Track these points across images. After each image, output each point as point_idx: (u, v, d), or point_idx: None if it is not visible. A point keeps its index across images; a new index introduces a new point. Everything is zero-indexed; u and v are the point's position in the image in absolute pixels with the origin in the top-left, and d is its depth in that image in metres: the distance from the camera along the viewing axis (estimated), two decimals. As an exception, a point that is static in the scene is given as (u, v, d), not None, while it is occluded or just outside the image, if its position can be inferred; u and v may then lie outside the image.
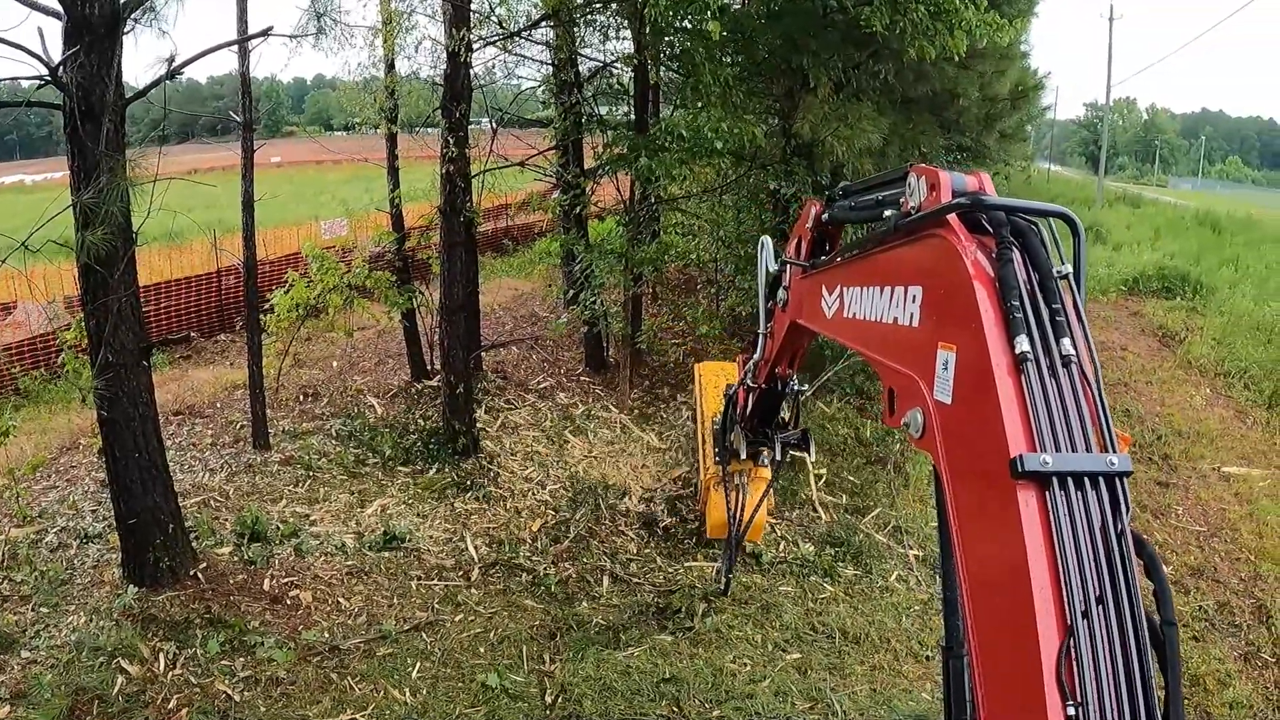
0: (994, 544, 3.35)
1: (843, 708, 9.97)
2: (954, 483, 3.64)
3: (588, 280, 16.58)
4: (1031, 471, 3.16)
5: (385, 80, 16.99)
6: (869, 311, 4.62)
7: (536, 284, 24.73)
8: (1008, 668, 3.20)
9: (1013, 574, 3.15)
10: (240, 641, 10.45)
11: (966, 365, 3.58)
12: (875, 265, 4.60)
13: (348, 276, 17.49)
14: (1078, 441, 3.30)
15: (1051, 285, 3.58)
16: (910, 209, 4.18)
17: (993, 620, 3.32)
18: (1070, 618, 2.99)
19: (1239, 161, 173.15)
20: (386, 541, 12.88)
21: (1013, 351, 3.39)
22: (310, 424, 16.36)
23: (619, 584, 12.44)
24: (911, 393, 4.03)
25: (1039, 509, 3.17)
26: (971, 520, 3.53)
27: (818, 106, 15.66)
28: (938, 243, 3.85)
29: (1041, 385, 3.35)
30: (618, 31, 17.84)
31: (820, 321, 5.66)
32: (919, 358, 3.93)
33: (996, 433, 3.31)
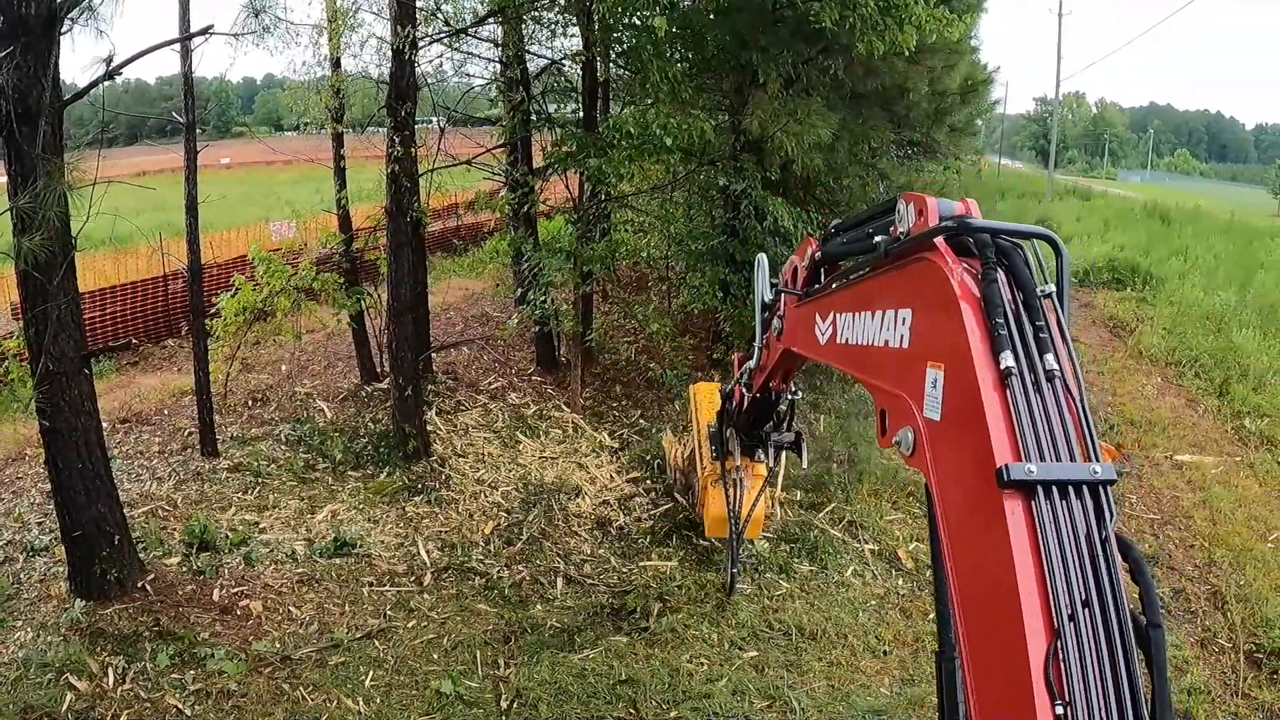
0: (982, 551, 3.42)
1: (801, 705, 9.90)
2: (943, 496, 3.75)
3: (536, 279, 16.46)
4: (1017, 480, 3.26)
5: (331, 79, 16.76)
6: (861, 336, 4.75)
7: (487, 283, 24.60)
8: (997, 670, 3.28)
9: (1000, 579, 3.24)
10: (190, 654, 10.22)
11: (954, 382, 3.71)
12: (867, 290, 4.74)
13: (294, 279, 17.24)
14: (1062, 452, 3.38)
15: (1035, 304, 3.71)
16: (899, 234, 4.30)
17: (982, 625, 3.41)
18: (1057, 621, 3.06)
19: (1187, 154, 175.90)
20: (337, 548, 12.67)
21: (998, 367, 3.50)
22: (259, 429, 16.14)
23: (573, 585, 12.31)
24: (902, 412, 4.14)
25: (1025, 517, 3.25)
26: (960, 529, 3.62)
27: (767, 102, 15.64)
28: (925, 266, 3.98)
29: (1026, 399, 3.46)
30: (565, 28, 17.71)
31: (814, 348, 5.84)
32: (909, 378, 4.05)
33: (983, 444, 3.41)
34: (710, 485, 11.17)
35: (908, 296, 4.17)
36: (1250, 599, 12.46)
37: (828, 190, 17.84)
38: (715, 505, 10.99)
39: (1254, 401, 20.92)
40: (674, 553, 13.08)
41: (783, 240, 16.30)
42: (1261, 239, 43.91)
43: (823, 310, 5.55)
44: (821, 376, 18.02)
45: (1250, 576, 13.13)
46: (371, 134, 17.33)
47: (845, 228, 5.74)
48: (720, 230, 17.59)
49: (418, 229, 15.49)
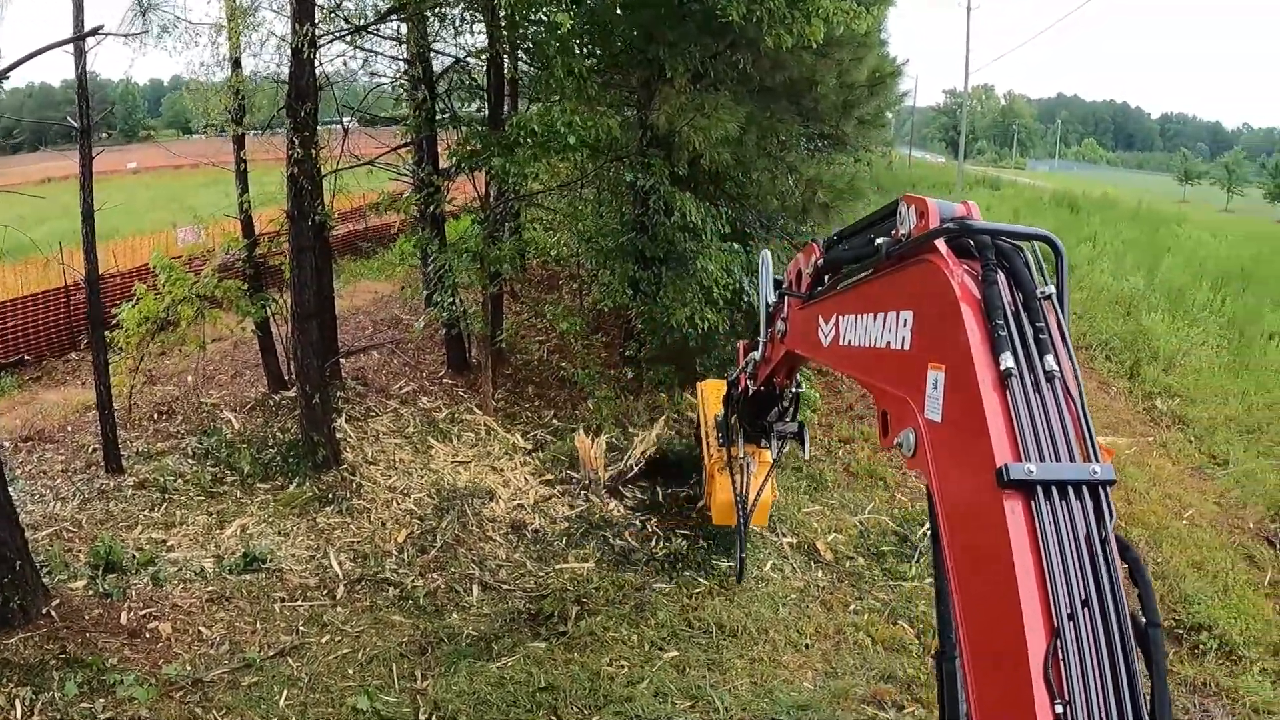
0: (982, 551, 3.46)
1: (724, 704, 9.87)
2: (944, 497, 3.81)
3: (442, 281, 16.22)
4: (1017, 480, 3.31)
5: (231, 79, 16.33)
6: (863, 338, 4.79)
7: (396, 286, 24.29)
8: (997, 669, 3.32)
9: (1000, 579, 3.27)
10: (99, 681, 9.88)
11: (954, 383, 3.77)
12: (869, 292, 4.79)
13: (197, 287, 16.77)
14: (1061, 452, 3.44)
15: (1035, 305, 3.75)
16: (900, 236, 4.33)
17: (983, 624, 3.45)
18: (1056, 620, 3.10)
19: (1094, 143, 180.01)
20: (247, 563, 12.36)
21: (998, 368, 3.55)
22: (165, 443, 15.68)
23: (489, 592, 12.15)
24: (904, 414, 4.21)
25: (1025, 516, 3.30)
26: (961, 529, 3.68)
27: (675, 97, 15.57)
28: (926, 267, 4.03)
29: (1026, 399, 3.51)
30: (471, 25, 17.47)
31: (817, 351, 5.92)
32: (910, 379, 4.09)
33: (983, 444, 3.46)
34: (717, 472, 11.39)
35: (909, 298, 4.21)
36: (1168, 576, 12.75)
37: (737, 184, 17.82)
38: (722, 492, 11.12)
39: (1164, 382, 21.46)
40: (590, 554, 13.00)
41: (692, 236, 16.27)
42: (1168, 225, 45.11)
43: (825, 313, 5.63)
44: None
45: (1167, 554, 13.42)
46: (275, 135, 16.92)
47: (848, 233, 5.75)
48: (629, 227, 17.50)
49: (322, 232, 15.18)
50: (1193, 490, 16.37)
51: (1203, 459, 18.13)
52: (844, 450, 16.53)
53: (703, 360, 17.65)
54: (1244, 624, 11.98)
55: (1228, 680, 10.96)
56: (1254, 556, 14.21)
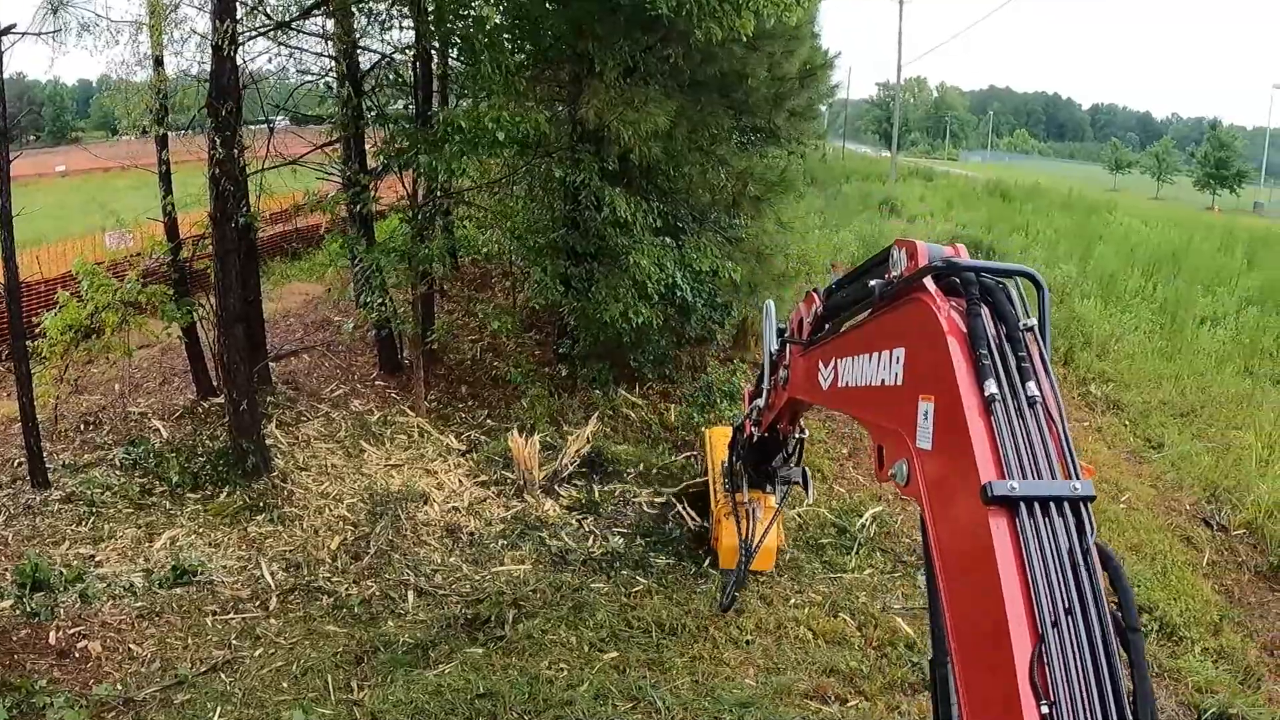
0: (970, 564, 3.64)
1: (665, 704, 9.77)
2: (935, 518, 4.03)
3: (369, 281, 16.00)
4: (1000, 496, 3.50)
5: (153, 79, 15.96)
6: (860, 377, 5.06)
7: (326, 287, 23.99)
8: (985, 673, 3.50)
9: (988, 589, 3.45)
10: (29, 704, 9.63)
11: (943, 411, 3.97)
12: (864, 334, 5.09)
13: (121, 293, 16.38)
14: (1044, 471, 3.63)
15: (1017, 336, 3.99)
16: (892, 278, 4.62)
17: (972, 632, 3.64)
18: (1041, 627, 3.27)
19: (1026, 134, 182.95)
20: (177, 577, 12.08)
21: (982, 394, 3.79)
22: (92, 455, 15.28)
23: (424, 597, 11.97)
24: (897, 446, 4.43)
25: (1009, 530, 3.49)
26: (951, 546, 3.89)
27: (604, 92, 15.47)
28: (916, 305, 4.29)
29: (1009, 423, 3.73)
30: (399, 21, 17.24)
31: (817, 394, 6.22)
32: (903, 412, 4.30)
33: (969, 465, 3.67)
34: (724, 518, 11.84)
35: (901, 335, 4.45)
36: (1107, 560, 12.85)
37: (668, 178, 17.78)
38: (729, 537, 11.57)
39: (1098, 368, 21.82)
40: (527, 555, 12.89)
41: (623, 231, 16.19)
42: (1099, 213, 45.96)
43: (825, 357, 5.90)
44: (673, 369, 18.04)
45: (1105, 538, 13.51)
46: (200, 136, 16.57)
47: (846, 280, 6.08)
48: (560, 223, 17.40)
49: (247, 234, 14.91)
50: (1129, 474, 16.60)
51: (1138, 443, 18.42)
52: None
53: (636, 356, 17.60)
54: (1183, 605, 12.19)
55: (1170, 661, 11.13)
56: (1191, 538, 14.46)
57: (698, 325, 18.46)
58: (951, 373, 3.89)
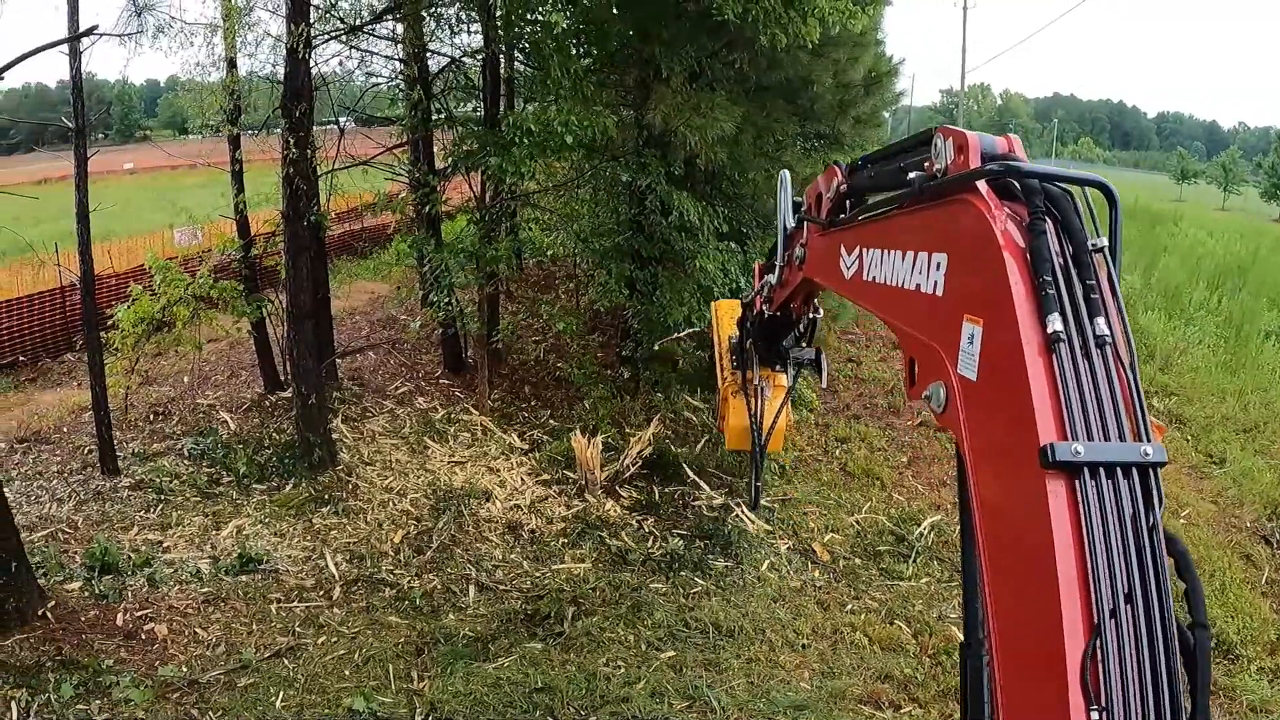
0: (1020, 536, 3.16)
1: (721, 704, 9.84)
2: (977, 467, 3.48)
3: (438, 281, 16.19)
4: (1062, 462, 2.98)
5: (227, 80, 16.31)
6: (890, 276, 4.41)
7: (392, 286, 24.30)
8: (1030, 668, 3.06)
9: (1039, 569, 3.00)
10: (95, 683, 9.85)
11: (994, 342, 3.41)
12: (898, 228, 4.39)
13: (193, 288, 16.74)
14: (1110, 429, 3.10)
15: (1086, 259, 3.39)
16: (935, 171, 3.95)
17: (1016, 617, 3.16)
18: (1097, 617, 2.84)
19: (1091, 142, 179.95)
20: (243, 564, 12.33)
21: (1044, 331, 3.20)
22: (161, 444, 15.66)
23: (485, 592, 12.12)
24: (934, 365, 3.85)
25: (1068, 500, 2.99)
26: (996, 510, 3.36)
27: (670, 96, 15.53)
28: (966, 210, 3.65)
29: (1074, 368, 3.18)
30: (467, 25, 17.46)
31: (837, 281, 5.51)
32: (942, 329, 3.76)
33: (1026, 418, 3.12)
34: (731, 396, 10.73)
35: (944, 240, 3.86)
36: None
37: (733, 183, 17.80)
38: (736, 416, 10.52)
39: (1161, 381, 21.50)
40: (587, 554, 12.98)
41: (689, 235, 16.26)
42: (1164, 224, 45.23)
43: (848, 243, 5.25)
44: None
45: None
46: (272, 136, 16.89)
47: (874, 159, 5.31)
48: (625, 227, 17.47)
49: (317, 232, 15.15)
50: (1189, 489, 16.38)
51: (1199, 458, 18.14)
52: (840, 450, 16.52)
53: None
54: (1241, 622, 11.99)
55: (1225, 679, 10.96)
56: (1251, 555, 14.22)
57: (761, 330, 18.40)
58: (1008, 300, 3.29)
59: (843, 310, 18.08)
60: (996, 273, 3.36)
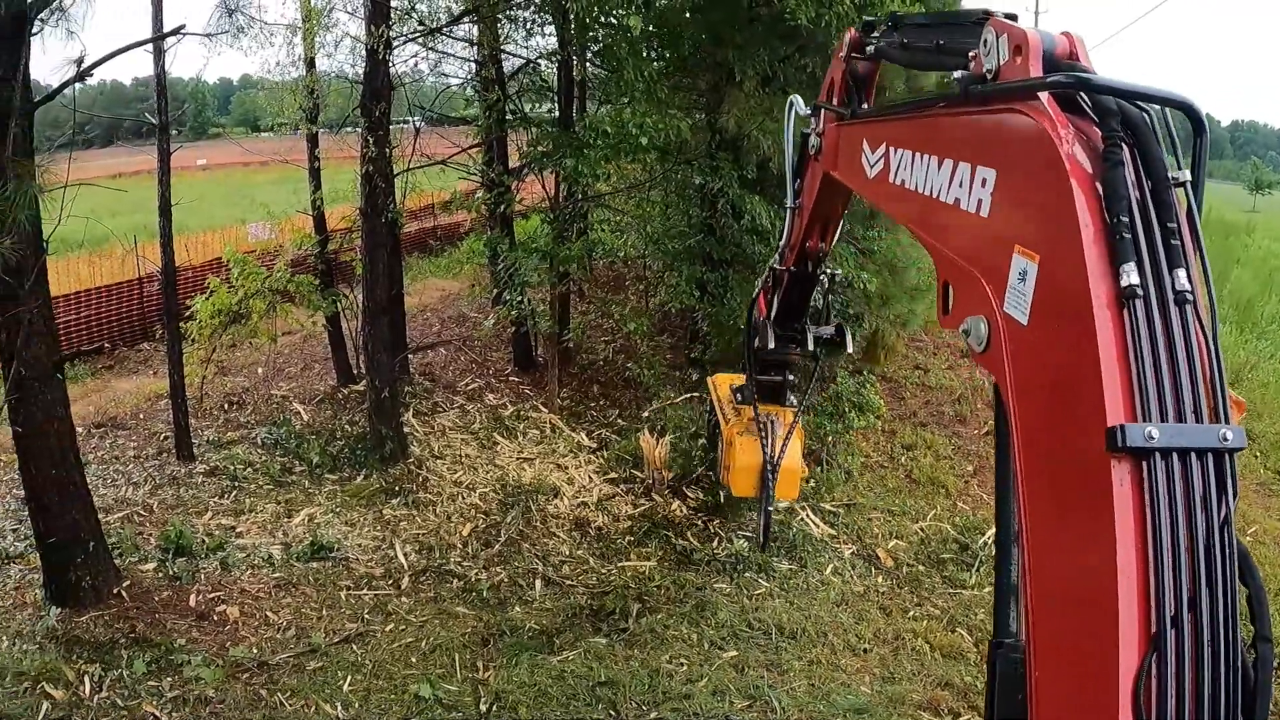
0: (1073, 526, 2.71)
1: (781, 704, 9.91)
2: (1025, 432, 2.96)
3: (512, 279, 16.37)
4: (1133, 448, 2.52)
5: (306, 79, 16.64)
6: (922, 183, 3.80)
7: (464, 284, 24.55)
8: (1075, 681, 2.68)
9: (1094, 567, 2.58)
10: (167, 661, 10.12)
11: (1054, 287, 2.86)
12: (934, 130, 3.78)
13: (269, 281, 17.08)
14: (1186, 406, 2.61)
15: (1167, 197, 2.82)
16: (985, 71, 3.34)
17: (1062, 618, 2.77)
18: (1158, 626, 2.45)
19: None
20: (314, 552, 12.59)
21: (1116, 282, 2.67)
22: (235, 433, 16.00)
23: (551, 587, 12.27)
24: (974, 295, 3.29)
25: (1133, 489, 2.54)
26: (1046, 491, 2.87)
27: (743, 100, 15.57)
28: (1025, 123, 3.03)
29: (1150, 331, 2.64)
30: (542, 27, 17.63)
31: (859, 181, 4.81)
32: (987, 256, 3.21)
33: (1090, 388, 2.64)
34: (736, 437, 9.86)
35: (993, 154, 3.25)
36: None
37: (805, 189, 17.75)
38: (745, 454, 8.84)
39: (1231, 396, 21.00)
40: (653, 553, 13.06)
41: (760, 239, 16.26)
42: (1238, 234, 44.27)
43: (873, 138, 4.51)
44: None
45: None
46: (347, 134, 17.19)
47: (906, 23, 4.59)
48: (697, 229, 17.50)
49: (393, 230, 15.38)
50: (1257, 506, 16.10)
51: (1269, 475, 17.82)
52: (906, 457, 16.45)
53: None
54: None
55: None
56: (1321, 576, 13.97)
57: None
58: (1074, 240, 2.75)
59: (911, 316, 17.98)
60: (1061, 206, 2.83)
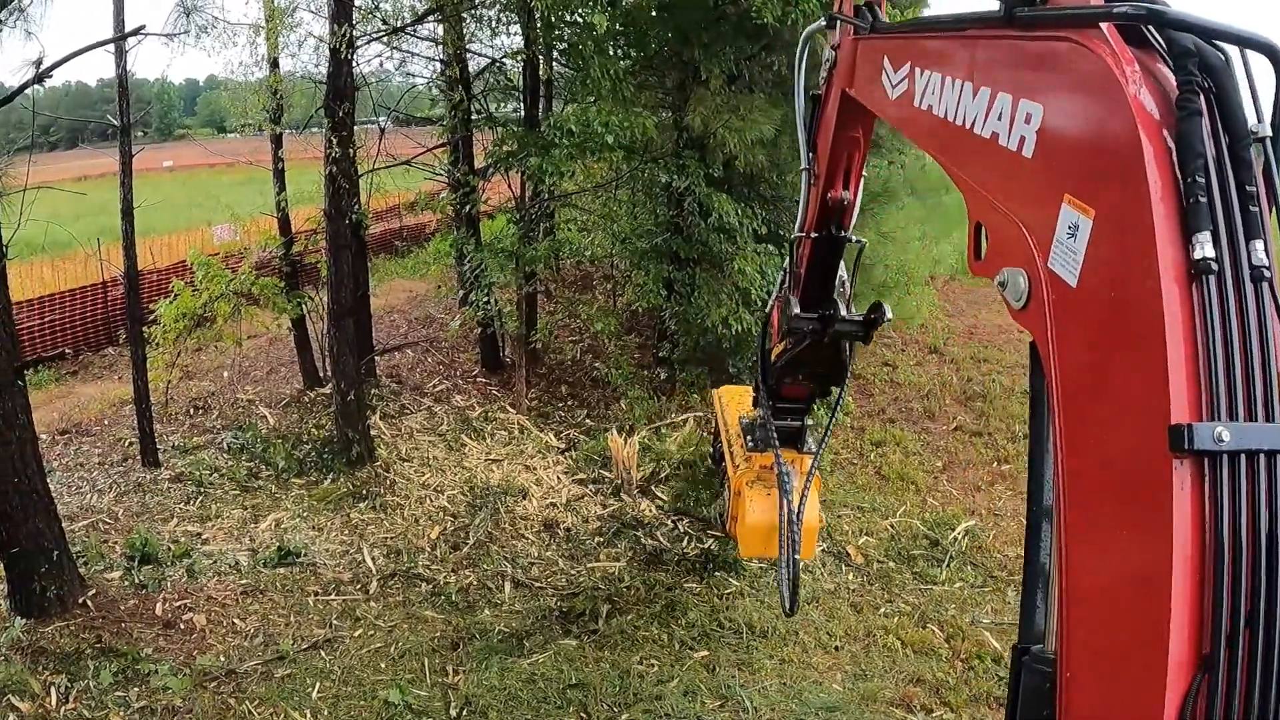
0: (1121, 526, 2.43)
1: (753, 704, 9.87)
2: (1068, 411, 2.63)
3: (478, 280, 16.30)
4: (1200, 450, 2.22)
5: (269, 79, 16.50)
6: (952, 110, 3.37)
7: (430, 285, 24.48)
8: (1113, 699, 2.42)
9: (1144, 575, 2.31)
10: (134, 670, 10.02)
11: (1110, 249, 2.50)
12: (969, 53, 3.34)
13: (234, 284, 16.92)
14: (1257, 401, 2.29)
15: (1245, 155, 2.44)
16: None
17: (1102, 630, 2.48)
18: (1213, 641, 2.18)
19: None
20: (281, 557, 12.47)
21: (1188, 254, 2.32)
22: (201, 438, 15.86)
23: (521, 589, 12.19)
24: (1012, 244, 2.94)
25: (1194, 494, 2.24)
26: (1090, 483, 2.55)
27: (709, 99, 15.59)
28: (1082, 57, 2.63)
29: (1222, 310, 2.31)
30: (507, 26, 17.56)
31: (879, 101, 4.43)
32: (1030, 203, 2.85)
33: (1151, 376, 2.31)
34: (745, 488, 8.93)
35: (1041, 88, 2.84)
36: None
37: (771, 186, 17.78)
38: (757, 512, 8.68)
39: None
40: (622, 553, 13.02)
41: (727, 237, 16.24)
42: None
43: (896, 56, 4.12)
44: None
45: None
46: (311, 135, 17.07)
47: None
48: (664, 228, 17.51)
49: (358, 231, 15.28)
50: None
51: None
52: (875, 453, 16.45)
53: (735, 362, 17.63)
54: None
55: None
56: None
57: (798, 333, 18.29)
58: (1141, 200, 2.37)
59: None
60: (1126, 159, 2.45)
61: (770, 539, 8.49)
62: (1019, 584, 12.28)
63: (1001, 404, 18.32)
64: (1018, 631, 3.17)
